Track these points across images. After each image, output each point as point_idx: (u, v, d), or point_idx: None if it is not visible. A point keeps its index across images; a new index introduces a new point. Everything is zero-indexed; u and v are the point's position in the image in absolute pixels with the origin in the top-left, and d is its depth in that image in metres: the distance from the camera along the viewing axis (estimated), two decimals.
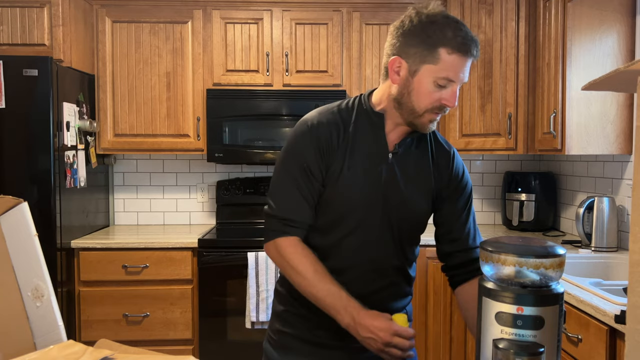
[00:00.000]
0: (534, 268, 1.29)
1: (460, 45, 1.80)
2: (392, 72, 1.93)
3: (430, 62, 1.83)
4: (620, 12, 3.68)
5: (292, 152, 1.98)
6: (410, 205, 2.02)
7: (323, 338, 2.05)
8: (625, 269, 3.41)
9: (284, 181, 1.98)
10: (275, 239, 1.96)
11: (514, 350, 1.24)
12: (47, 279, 1.72)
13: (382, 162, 1.98)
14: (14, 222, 1.74)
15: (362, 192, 1.95)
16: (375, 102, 2.02)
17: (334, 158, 1.94)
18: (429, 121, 1.92)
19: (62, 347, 1.51)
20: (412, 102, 1.89)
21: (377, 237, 2.00)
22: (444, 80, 1.83)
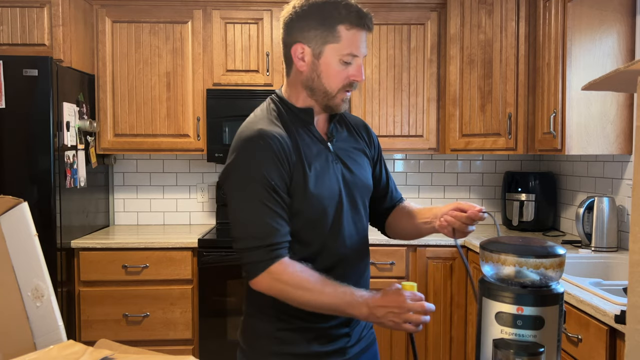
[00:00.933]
0: (534, 268, 1.29)
1: (357, 19, 1.87)
2: (296, 59, 1.93)
3: (332, 42, 1.87)
4: (620, 12, 3.68)
5: (255, 174, 1.84)
6: (364, 181, 2.08)
7: (318, 347, 2.00)
8: (625, 269, 3.41)
9: (251, 207, 1.84)
10: (267, 269, 1.82)
11: (514, 350, 1.24)
12: (47, 279, 1.72)
13: (328, 154, 1.99)
14: (14, 222, 1.74)
15: (328, 191, 1.94)
16: (292, 99, 2.00)
17: (293, 167, 1.88)
18: (341, 100, 1.95)
19: (62, 347, 1.51)
20: (323, 84, 1.91)
21: (352, 222, 2.02)
22: (348, 57, 1.88)
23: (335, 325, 2.00)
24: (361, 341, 2.10)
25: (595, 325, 2.50)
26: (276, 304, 1.97)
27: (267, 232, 1.82)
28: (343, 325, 2.01)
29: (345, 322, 2.01)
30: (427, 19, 4.65)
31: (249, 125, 1.94)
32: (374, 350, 2.19)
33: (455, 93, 4.51)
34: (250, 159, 1.86)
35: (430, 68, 4.67)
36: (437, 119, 4.70)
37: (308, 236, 1.94)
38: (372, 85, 4.65)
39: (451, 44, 4.51)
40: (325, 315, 1.92)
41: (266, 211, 1.83)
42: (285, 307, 1.96)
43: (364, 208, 2.09)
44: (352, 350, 2.05)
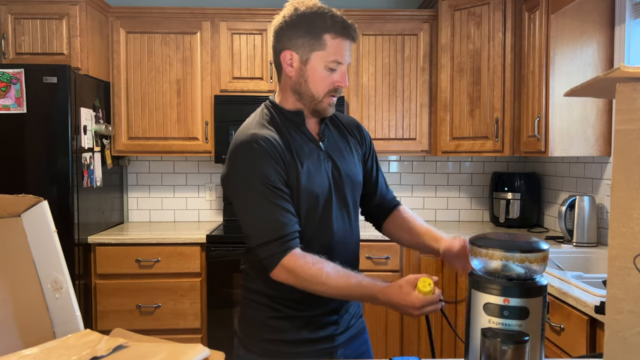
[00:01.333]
0: (519, 262, 1.29)
1: (342, 29, 1.89)
2: (285, 65, 1.95)
3: (318, 49, 1.89)
4: (599, 24, 3.68)
5: (253, 174, 1.85)
6: (353, 177, 2.07)
7: (307, 334, 1.99)
8: (604, 263, 3.41)
9: (257, 206, 1.85)
10: (280, 261, 1.81)
11: (501, 339, 1.24)
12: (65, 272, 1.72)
13: (319, 153, 2.00)
14: (34, 219, 1.74)
15: (319, 187, 1.95)
16: (284, 104, 2.02)
17: (287, 165, 1.89)
18: (328, 104, 1.96)
19: (80, 336, 1.51)
20: (309, 89, 1.94)
21: (340, 216, 2.02)
22: (334, 64, 1.90)
23: (323, 313, 1.99)
24: (350, 329, 2.08)
25: (576, 316, 2.50)
26: (268, 294, 1.99)
27: (275, 227, 1.82)
28: (331, 313, 2.01)
29: (333, 309, 2.01)
30: (419, 30, 4.66)
31: (243, 130, 1.96)
32: (364, 337, 2.18)
33: (446, 99, 4.51)
34: (247, 162, 1.87)
35: (423, 75, 4.67)
36: (429, 123, 4.70)
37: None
38: (368, 91, 4.65)
39: (442, 53, 4.51)
40: (314, 304, 1.95)
41: (270, 207, 1.83)
42: (276, 297, 1.98)
43: (354, 203, 2.09)
44: (340, 337, 2.04)
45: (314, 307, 1.97)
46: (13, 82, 3.86)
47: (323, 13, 1.89)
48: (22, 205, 1.74)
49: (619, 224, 1.06)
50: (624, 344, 1.06)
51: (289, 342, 1.99)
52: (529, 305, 1.26)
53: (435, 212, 5.15)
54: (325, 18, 1.88)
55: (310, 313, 1.98)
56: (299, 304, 1.95)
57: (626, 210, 1.05)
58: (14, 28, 4.19)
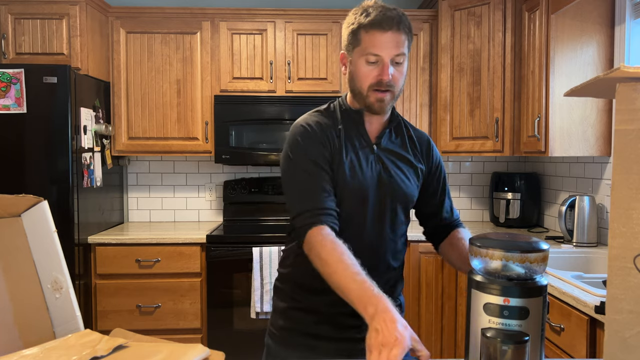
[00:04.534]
0: (519, 262, 1.29)
1: (376, 23, 1.89)
2: (342, 66, 2.05)
3: (357, 45, 1.93)
4: (599, 24, 3.68)
5: (298, 152, 1.95)
6: (402, 188, 2.03)
7: (326, 331, 2.00)
8: (604, 263, 3.41)
9: (297, 179, 1.92)
10: (307, 233, 1.81)
11: (501, 339, 1.24)
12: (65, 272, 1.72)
13: (370, 154, 2.01)
14: (35, 219, 1.74)
15: (358, 183, 1.96)
16: (349, 101, 2.09)
17: (334, 152, 1.96)
18: (376, 100, 1.95)
19: (80, 336, 1.51)
20: (356, 85, 1.97)
21: (374, 221, 2.00)
22: (372, 57, 1.90)
23: (343, 313, 1.88)
24: None
25: (576, 316, 2.50)
26: (292, 280, 2.04)
27: (312, 199, 1.87)
28: (351, 315, 1.76)
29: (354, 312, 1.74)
30: (420, 29, 4.66)
31: (302, 117, 2.07)
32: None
33: (446, 99, 4.51)
34: (296, 142, 1.97)
35: (423, 75, 4.67)
36: (429, 123, 4.70)
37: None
38: None
39: (442, 53, 4.51)
40: (335, 301, 1.76)
41: (311, 182, 1.90)
42: (298, 285, 2.01)
43: (396, 213, 2.04)
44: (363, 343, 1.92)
45: (335, 305, 1.84)
46: (13, 82, 3.86)
47: (362, 11, 1.94)
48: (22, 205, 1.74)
49: (619, 224, 1.06)
50: (624, 343, 1.06)
51: (306, 335, 2.02)
52: (529, 305, 1.26)
53: None
54: (361, 15, 1.92)
55: (331, 309, 1.96)
56: (319, 297, 1.95)
57: (626, 211, 1.05)
58: (14, 28, 4.19)
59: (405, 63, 1.97)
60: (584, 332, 2.44)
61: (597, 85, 1.14)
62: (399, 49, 1.91)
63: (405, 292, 4.28)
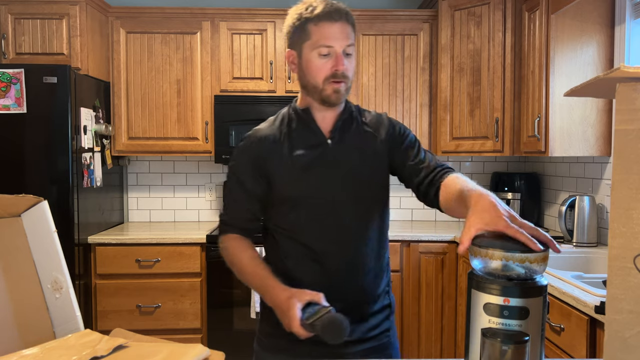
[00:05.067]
0: (519, 262, 1.28)
1: (323, 14, 1.89)
2: (289, 64, 2.03)
3: (306, 40, 1.92)
4: (599, 24, 3.68)
5: (232, 166, 2.09)
6: (364, 177, 2.01)
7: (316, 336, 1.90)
8: (604, 263, 3.41)
9: (227, 190, 2.11)
10: (219, 239, 2.09)
11: (501, 339, 1.24)
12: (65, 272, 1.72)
13: (322, 149, 1.99)
14: (35, 219, 1.74)
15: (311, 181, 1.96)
16: (299, 102, 2.08)
17: (273, 165, 1.98)
18: (333, 91, 1.93)
19: (80, 336, 1.51)
20: (309, 80, 1.96)
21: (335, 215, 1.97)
22: (324, 49, 1.90)
23: None
24: (368, 342, 2.00)
25: (576, 316, 2.50)
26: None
27: (225, 208, 2.11)
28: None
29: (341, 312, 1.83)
30: (420, 30, 4.66)
31: (255, 128, 2.12)
32: (388, 353, 2.07)
33: (446, 99, 4.51)
34: (235, 154, 2.10)
35: (423, 75, 4.67)
36: (429, 123, 4.70)
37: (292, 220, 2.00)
38: (368, 91, 4.66)
39: (442, 53, 4.51)
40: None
41: (230, 196, 2.08)
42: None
43: (364, 206, 2.00)
44: (353, 347, 1.97)
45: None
46: (13, 82, 3.86)
47: (307, 6, 1.93)
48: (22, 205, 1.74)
49: (619, 224, 1.06)
50: (624, 344, 1.06)
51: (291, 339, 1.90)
52: (529, 306, 1.26)
53: (435, 212, 5.14)
54: (308, 9, 1.91)
55: None
56: None
57: (626, 211, 1.05)
58: (14, 28, 4.19)
59: (355, 54, 1.98)
60: (584, 332, 2.44)
61: (597, 85, 1.14)
62: (349, 40, 1.93)
63: (405, 292, 4.28)
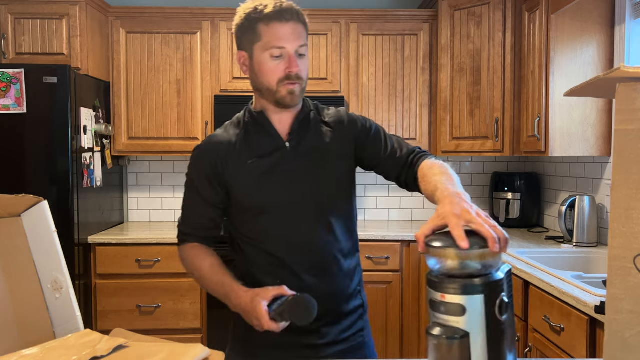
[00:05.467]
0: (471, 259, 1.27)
1: (274, 14, 1.84)
2: (241, 66, 1.97)
3: (257, 41, 1.87)
4: (599, 24, 3.68)
5: (187, 174, 2.11)
6: (324, 178, 1.96)
7: (286, 339, 1.88)
8: (604, 263, 3.41)
9: (184, 199, 2.12)
10: (178, 248, 2.13)
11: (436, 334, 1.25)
12: (65, 272, 1.72)
13: (281, 153, 1.94)
14: (35, 219, 1.74)
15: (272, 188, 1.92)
16: (254, 104, 2.03)
17: (229, 171, 1.96)
18: (287, 92, 1.88)
19: (80, 336, 1.51)
20: (263, 82, 1.90)
21: (305, 219, 1.94)
22: (276, 50, 1.85)
23: None
24: (341, 343, 1.98)
25: (576, 316, 2.50)
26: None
27: (182, 222, 2.14)
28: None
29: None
30: (420, 30, 4.66)
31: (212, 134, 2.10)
32: (364, 353, 2.06)
33: (446, 99, 4.51)
34: (190, 162, 2.11)
35: (423, 76, 4.67)
36: (429, 123, 4.70)
37: (255, 228, 2.04)
38: (368, 91, 4.66)
39: (442, 53, 4.51)
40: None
41: (187, 205, 2.11)
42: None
43: (327, 207, 1.96)
44: (327, 349, 1.96)
45: None
46: (13, 82, 3.86)
47: (256, 6, 1.87)
48: (22, 205, 1.74)
49: (618, 224, 1.06)
50: (624, 343, 1.06)
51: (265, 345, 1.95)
52: (466, 302, 1.25)
53: None
54: (257, 9, 1.86)
55: None
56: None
57: (626, 211, 1.05)
58: (14, 28, 4.19)
59: (308, 54, 1.93)
60: (584, 332, 2.44)
61: (597, 85, 1.14)
62: (302, 40, 1.88)
63: (405, 292, 4.29)
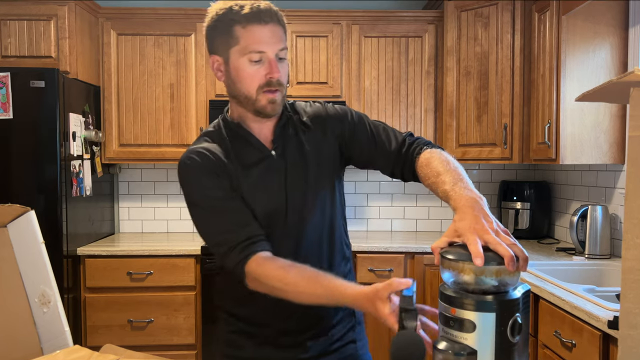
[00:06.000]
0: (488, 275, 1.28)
1: (252, 16, 1.77)
2: (215, 71, 1.90)
3: (234, 45, 1.80)
4: (612, 25, 3.68)
5: (192, 193, 1.87)
6: (316, 180, 1.93)
7: (269, 355, 1.92)
8: (618, 276, 3.40)
9: (206, 221, 1.86)
10: (244, 269, 1.75)
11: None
12: (53, 285, 1.72)
13: (269, 162, 1.90)
14: (21, 229, 1.74)
15: (267, 198, 1.88)
16: (230, 112, 1.98)
17: (230, 175, 1.86)
18: (268, 101, 1.83)
19: (69, 352, 1.51)
20: (240, 89, 1.84)
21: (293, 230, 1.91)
22: (255, 54, 1.79)
23: (281, 332, 1.92)
24: (330, 354, 1.97)
25: (588, 331, 2.50)
26: (226, 306, 1.98)
27: (226, 239, 1.78)
28: (293, 333, 1.92)
29: (296, 330, 1.92)
30: (424, 31, 4.67)
31: (188, 149, 1.93)
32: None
33: (452, 104, 4.51)
34: (185, 181, 1.88)
35: (428, 79, 4.68)
36: (435, 129, 4.70)
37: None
38: (371, 96, 4.66)
39: (448, 56, 4.52)
40: (268, 321, 1.91)
41: (216, 219, 1.83)
42: (233, 310, 1.96)
43: (326, 215, 1.96)
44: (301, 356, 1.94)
45: (268, 325, 1.91)
46: None
47: (230, 7, 1.80)
48: (8, 215, 1.74)
49: (632, 235, 1.06)
50: None
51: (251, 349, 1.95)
52: (476, 319, 1.25)
53: (441, 222, 5.15)
54: (232, 10, 1.79)
55: (266, 330, 1.92)
56: (250, 320, 1.93)
57: None
58: None
59: (287, 58, 1.88)
60: (596, 348, 2.43)
61: (610, 89, 1.14)
62: (282, 43, 1.83)
63: None
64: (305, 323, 1.83)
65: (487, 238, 1.33)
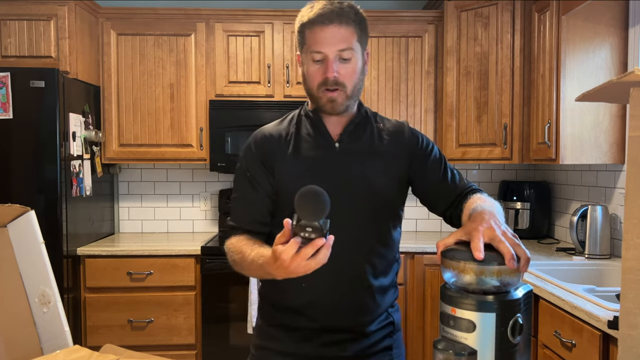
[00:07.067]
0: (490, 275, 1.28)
1: (316, 18, 1.87)
2: (299, 68, 2.01)
3: (303, 44, 1.93)
4: (613, 25, 3.68)
5: (239, 167, 2.05)
6: (373, 185, 1.96)
7: (307, 350, 1.95)
8: (618, 276, 3.40)
9: (235, 193, 2.05)
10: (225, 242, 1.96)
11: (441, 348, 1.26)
12: (53, 285, 1.72)
13: (330, 152, 1.98)
14: (21, 229, 1.74)
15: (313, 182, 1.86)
16: (310, 105, 2.07)
17: (277, 163, 1.97)
18: (327, 100, 1.92)
19: (69, 352, 1.51)
20: (307, 86, 1.97)
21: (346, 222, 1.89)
22: (316, 54, 1.89)
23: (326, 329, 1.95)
24: (365, 358, 1.98)
25: (588, 331, 2.50)
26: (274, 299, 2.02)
27: (233, 217, 2.01)
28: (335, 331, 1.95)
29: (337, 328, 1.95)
30: (424, 31, 4.67)
31: (263, 127, 2.10)
32: None
33: (452, 104, 4.51)
34: (242, 154, 2.06)
35: (428, 79, 4.68)
36: (435, 129, 4.70)
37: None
38: (370, 96, 4.66)
39: (448, 56, 4.52)
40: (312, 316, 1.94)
41: (240, 199, 2.02)
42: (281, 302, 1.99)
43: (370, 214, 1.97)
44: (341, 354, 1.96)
45: (315, 320, 1.94)
46: None
47: (306, 9, 1.92)
48: (8, 215, 1.74)
49: (632, 235, 1.06)
50: None
51: (279, 353, 1.99)
52: (476, 319, 1.25)
53: (441, 222, 5.14)
54: (302, 12, 1.92)
55: (313, 325, 1.95)
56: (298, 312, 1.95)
57: None
58: None
59: (356, 58, 1.92)
60: (596, 348, 2.43)
61: (610, 89, 1.14)
62: (344, 44, 1.87)
63: (409, 305, 4.28)
64: (348, 322, 1.90)
65: (492, 235, 1.37)
